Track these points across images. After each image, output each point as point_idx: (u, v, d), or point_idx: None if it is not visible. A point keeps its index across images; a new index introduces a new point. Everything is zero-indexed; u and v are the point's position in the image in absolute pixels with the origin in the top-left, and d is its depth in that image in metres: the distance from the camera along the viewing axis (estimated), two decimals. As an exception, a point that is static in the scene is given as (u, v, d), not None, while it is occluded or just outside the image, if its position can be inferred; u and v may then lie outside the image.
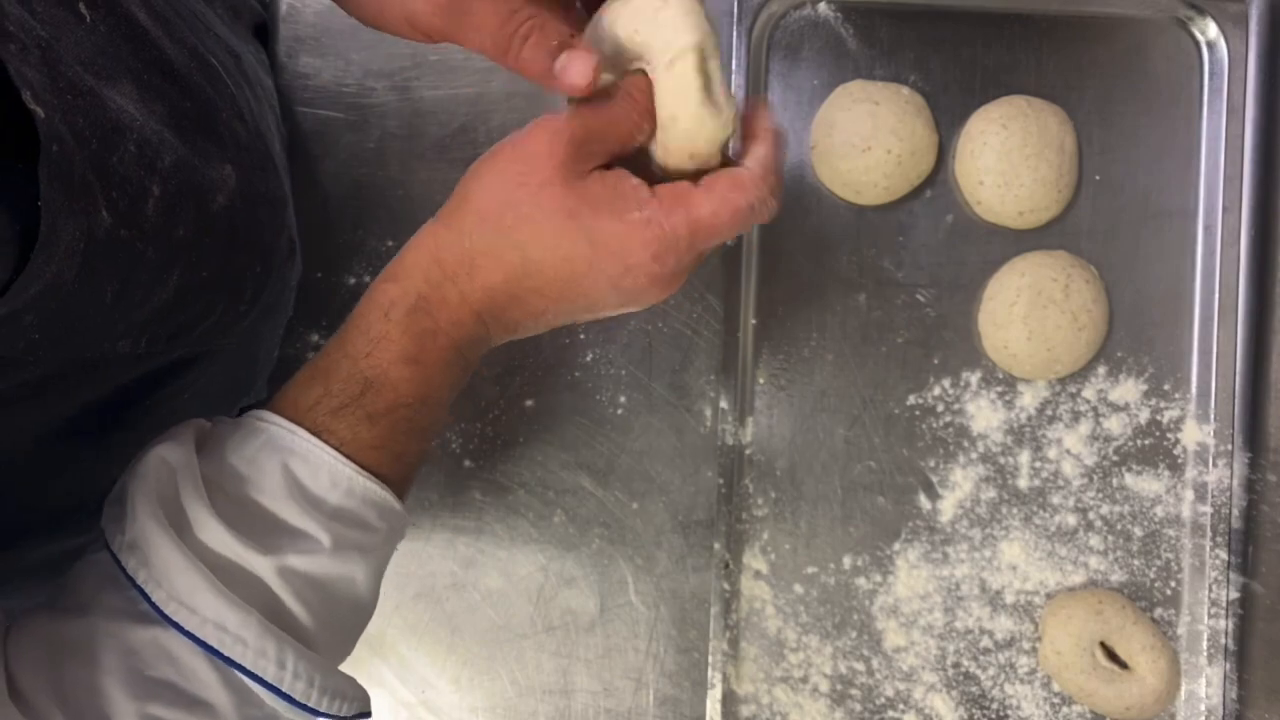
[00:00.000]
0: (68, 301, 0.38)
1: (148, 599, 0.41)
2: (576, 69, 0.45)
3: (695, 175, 0.48)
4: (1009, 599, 0.68)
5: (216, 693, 0.42)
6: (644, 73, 0.47)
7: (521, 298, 0.48)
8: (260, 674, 0.42)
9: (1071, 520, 0.69)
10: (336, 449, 0.46)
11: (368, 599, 0.48)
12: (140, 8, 0.47)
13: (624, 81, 0.47)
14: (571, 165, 0.46)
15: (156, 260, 0.43)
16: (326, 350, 0.48)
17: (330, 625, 0.46)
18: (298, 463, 0.45)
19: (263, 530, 0.44)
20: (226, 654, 0.41)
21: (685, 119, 0.47)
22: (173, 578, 0.42)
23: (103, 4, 0.44)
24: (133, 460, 0.45)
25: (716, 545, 0.68)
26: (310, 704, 0.44)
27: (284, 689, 0.43)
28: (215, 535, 0.43)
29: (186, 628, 0.41)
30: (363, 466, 0.46)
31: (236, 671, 0.42)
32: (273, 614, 0.43)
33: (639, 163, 0.49)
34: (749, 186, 0.47)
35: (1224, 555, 0.67)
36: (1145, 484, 0.69)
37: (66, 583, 0.45)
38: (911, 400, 0.69)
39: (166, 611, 0.41)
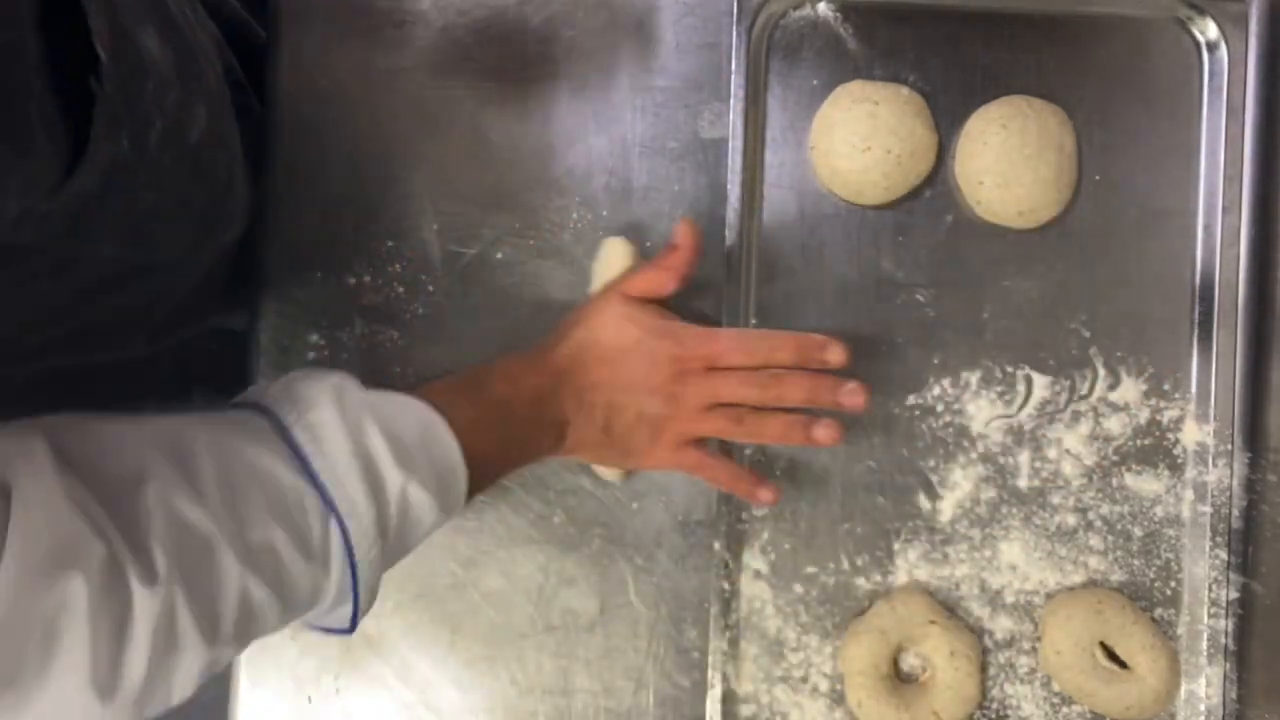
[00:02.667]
0: (86, 206, 0.46)
1: (308, 465, 0.52)
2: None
3: None
4: (1009, 599, 0.68)
5: (319, 549, 0.52)
6: None
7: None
8: (354, 549, 0.52)
9: (1071, 520, 0.69)
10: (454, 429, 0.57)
11: (418, 544, 0.59)
12: None
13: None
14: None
15: (145, 181, 0.51)
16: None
17: (400, 543, 0.56)
18: (434, 428, 0.57)
19: (404, 456, 0.54)
20: (346, 523, 0.52)
21: None
22: (337, 459, 0.52)
23: None
24: (301, 373, 0.57)
25: (716, 545, 0.68)
26: (359, 592, 0.54)
27: (359, 573, 0.53)
28: (377, 444, 0.54)
29: (332, 496, 0.52)
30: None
31: (338, 538, 0.52)
32: (380, 515, 0.53)
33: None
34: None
35: (1224, 555, 0.67)
36: (1145, 484, 0.69)
37: (215, 421, 0.54)
38: (911, 400, 0.69)
39: (322, 479, 0.52)
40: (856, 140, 0.67)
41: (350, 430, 0.53)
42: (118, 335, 0.63)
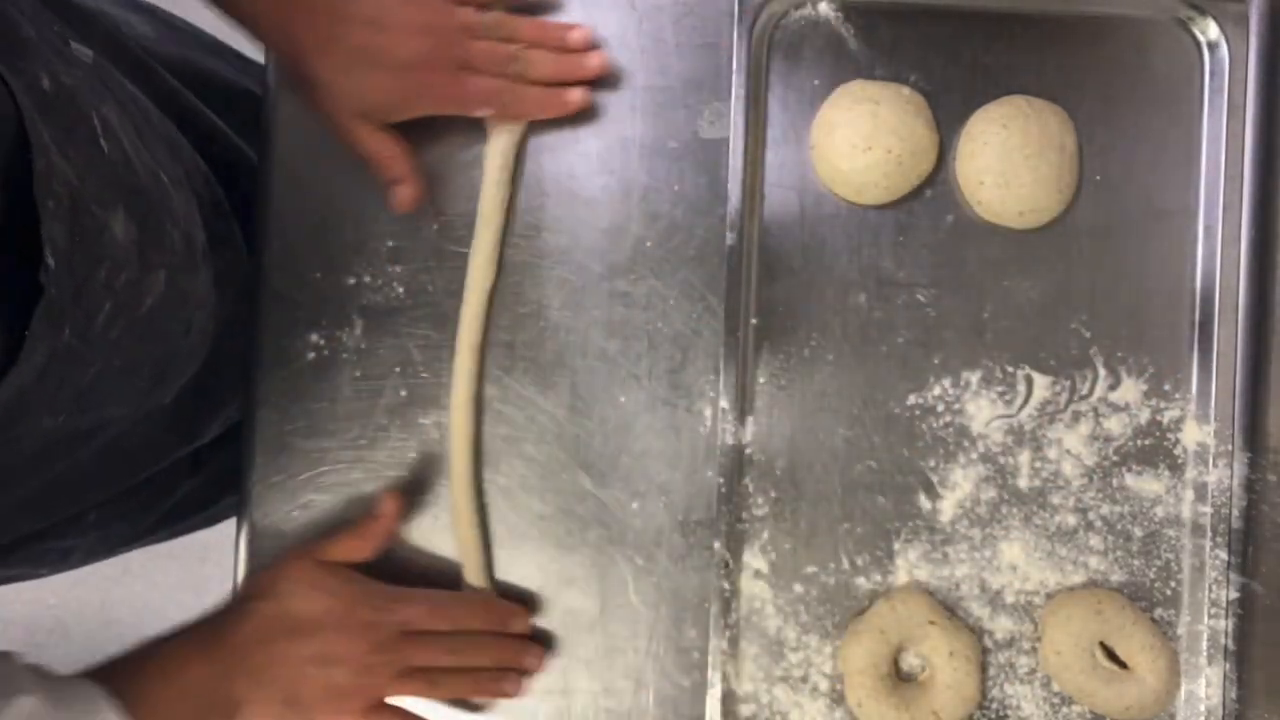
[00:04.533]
0: (23, 395, 0.45)
1: None
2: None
3: None
4: (1009, 599, 0.68)
5: None
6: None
7: None
8: None
9: (1071, 520, 0.69)
10: None
11: None
12: (126, 133, 0.52)
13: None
14: None
15: (89, 358, 0.49)
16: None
17: None
18: None
19: None
20: None
21: None
22: None
23: (112, 134, 0.49)
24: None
25: (716, 545, 0.68)
26: None
27: None
28: None
29: None
30: None
31: None
32: None
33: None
34: None
35: (1224, 555, 0.67)
36: (1145, 484, 0.69)
37: None
38: (911, 400, 0.69)
39: None
40: (857, 140, 0.67)
41: None
42: (79, 492, 0.61)
